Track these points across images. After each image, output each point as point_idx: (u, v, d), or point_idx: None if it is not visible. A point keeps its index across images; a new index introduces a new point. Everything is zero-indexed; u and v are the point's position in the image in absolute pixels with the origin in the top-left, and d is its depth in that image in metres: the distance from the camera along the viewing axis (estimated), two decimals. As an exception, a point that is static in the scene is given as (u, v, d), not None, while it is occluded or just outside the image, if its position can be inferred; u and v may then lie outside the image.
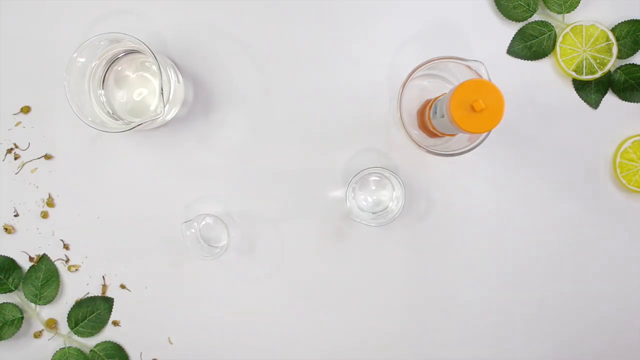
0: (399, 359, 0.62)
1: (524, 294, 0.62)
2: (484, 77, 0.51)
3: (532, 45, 0.60)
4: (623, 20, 0.60)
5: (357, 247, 0.61)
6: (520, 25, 0.60)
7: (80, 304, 0.61)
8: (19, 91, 0.61)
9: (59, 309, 0.61)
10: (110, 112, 0.58)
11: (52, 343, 0.61)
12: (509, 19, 0.60)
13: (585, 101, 0.61)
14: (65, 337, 0.61)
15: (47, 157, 0.61)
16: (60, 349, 0.61)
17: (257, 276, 0.61)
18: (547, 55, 0.60)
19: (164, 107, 0.53)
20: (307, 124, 0.61)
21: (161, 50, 0.60)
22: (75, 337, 0.61)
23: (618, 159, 0.60)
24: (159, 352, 0.62)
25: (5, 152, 0.61)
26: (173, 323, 0.62)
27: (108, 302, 0.61)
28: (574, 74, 0.60)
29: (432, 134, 0.58)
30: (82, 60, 0.54)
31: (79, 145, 0.61)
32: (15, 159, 0.61)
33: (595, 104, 0.61)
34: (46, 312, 0.61)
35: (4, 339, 0.59)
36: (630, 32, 0.60)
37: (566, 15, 0.60)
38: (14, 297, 0.61)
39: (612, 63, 0.59)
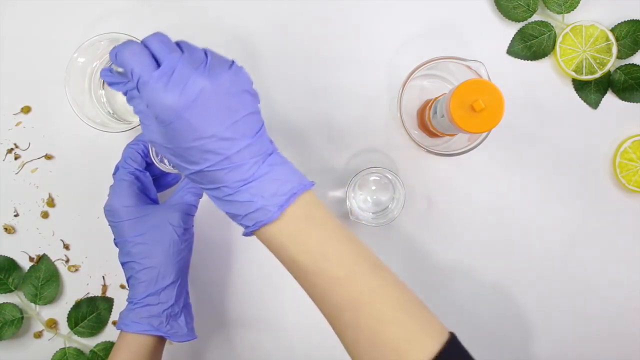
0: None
1: (523, 293, 0.62)
2: (484, 77, 0.51)
3: (532, 45, 0.60)
4: (623, 21, 0.60)
5: (357, 247, 0.61)
6: (520, 25, 0.60)
7: (80, 304, 0.61)
8: (19, 91, 0.61)
9: (59, 309, 0.61)
10: (111, 112, 0.58)
11: (52, 343, 0.61)
12: (509, 19, 0.60)
13: (585, 101, 0.61)
14: (65, 337, 0.61)
15: (47, 157, 0.61)
16: (60, 349, 0.61)
17: (259, 278, 0.61)
18: (547, 55, 0.60)
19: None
20: (306, 124, 0.61)
21: (161, 50, 0.60)
22: (75, 337, 0.61)
23: (618, 159, 0.60)
24: (159, 352, 0.62)
25: (5, 152, 0.61)
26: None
27: (108, 302, 0.61)
28: (573, 74, 0.60)
29: (432, 134, 0.58)
30: (83, 60, 0.54)
31: (79, 145, 0.61)
32: (16, 159, 0.61)
33: (595, 104, 0.61)
34: (46, 312, 0.61)
35: (4, 339, 0.59)
36: (630, 32, 0.60)
37: (566, 15, 0.60)
38: (14, 297, 0.61)
39: (611, 63, 0.59)
